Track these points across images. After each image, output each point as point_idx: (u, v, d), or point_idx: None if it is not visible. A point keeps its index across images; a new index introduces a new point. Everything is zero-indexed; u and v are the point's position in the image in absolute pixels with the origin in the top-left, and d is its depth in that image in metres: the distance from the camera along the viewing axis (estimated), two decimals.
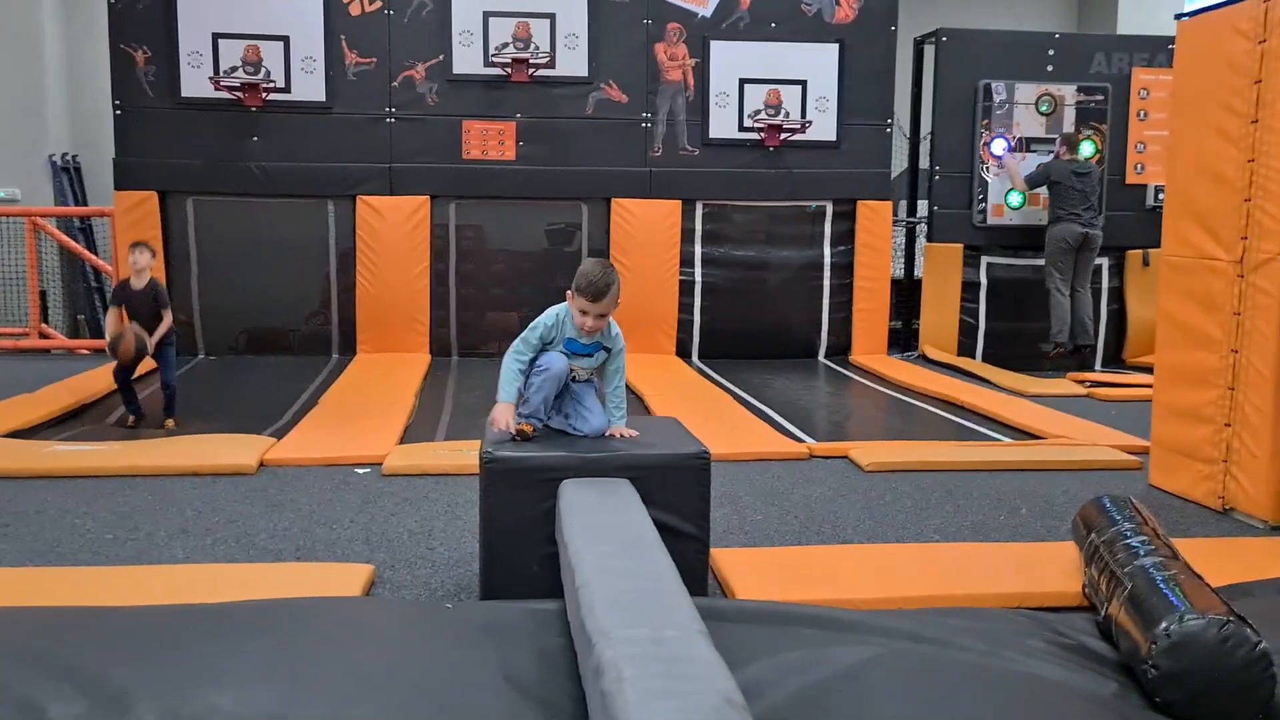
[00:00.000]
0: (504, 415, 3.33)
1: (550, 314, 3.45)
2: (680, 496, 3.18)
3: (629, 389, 7.49)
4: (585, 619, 2.06)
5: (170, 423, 6.06)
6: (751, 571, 3.53)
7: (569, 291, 3.38)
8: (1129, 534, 3.13)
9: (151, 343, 5.88)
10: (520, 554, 3.13)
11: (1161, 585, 2.62)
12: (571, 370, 3.44)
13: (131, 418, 6.10)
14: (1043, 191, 9.10)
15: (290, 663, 2.08)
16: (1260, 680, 2.25)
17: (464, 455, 5.04)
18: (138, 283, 5.97)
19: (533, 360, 3.42)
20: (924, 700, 2.05)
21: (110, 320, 6.19)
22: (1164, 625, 2.34)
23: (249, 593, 2.93)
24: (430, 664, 2.17)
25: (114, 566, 3.67)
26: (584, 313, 3.35)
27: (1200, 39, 4.74)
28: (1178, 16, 4.93)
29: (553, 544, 3.04)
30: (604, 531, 2.62)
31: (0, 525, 4.19)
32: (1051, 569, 3.58)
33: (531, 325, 3.44)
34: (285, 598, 2.69)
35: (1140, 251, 9.52)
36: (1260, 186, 4.35)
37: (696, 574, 3.17)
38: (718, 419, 6.31)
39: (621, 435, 3.44)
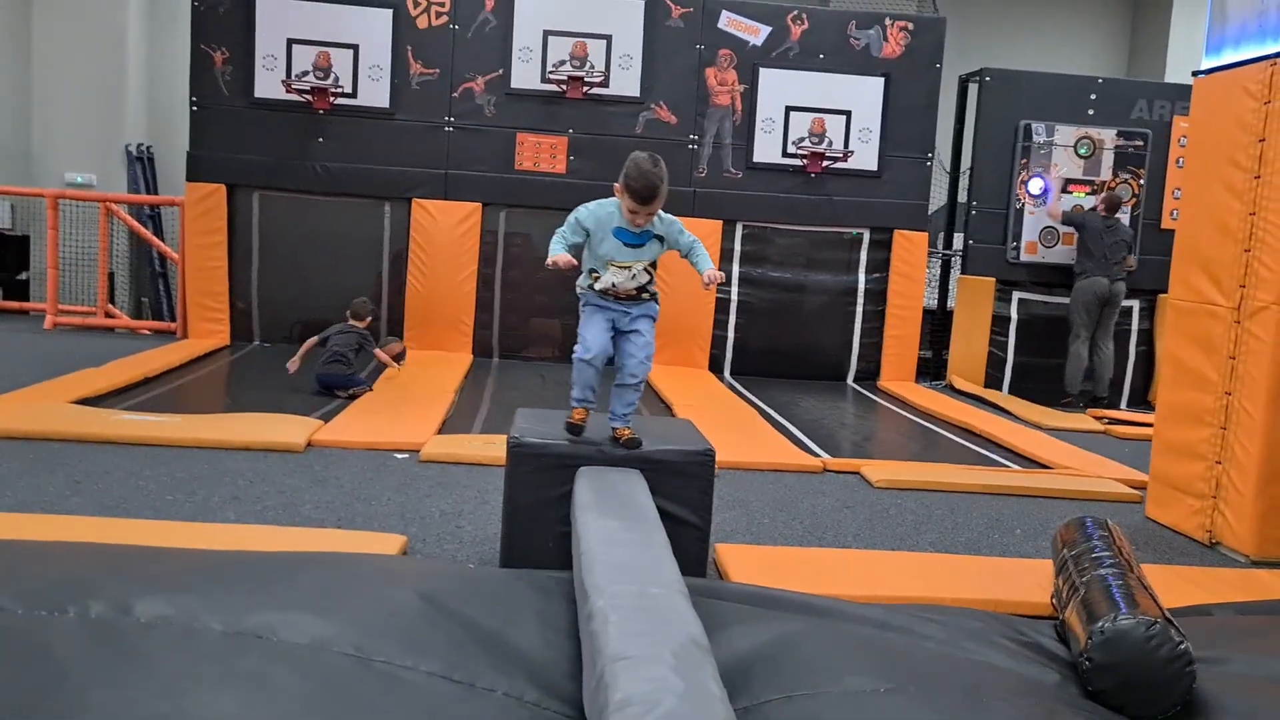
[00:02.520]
0: (560, 259, 3.47)
1: (598, 204, 3.51)
2: (686, 489, 3.50)
3: (657, 395, 7.87)
4: (585, 577, 2.39)
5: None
6: (749, 564, 3.84)
7: (617, 185, 3.41)
8: (1097, 549, 3.40)
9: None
10: (538, 531, 3.46)
11: (1112, 592, 2.90)
12: (618, 291, 3.52)
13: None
14: (1070, 231, 9.41)
15: (333, 597, 2.43)
16: (1180, 675, 2.52)
17: (496, 448, 5.37)
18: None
19: (573, 243, 3.52)
20: (870, 662, 2.36)
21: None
22: (1100, 623, 2.63)
23: (295, 549, 3.29)
24: (449, 610, 2.51)
25: (175, 522, 4.06)
26: (633, 211, 3.41)
27: (1213, 96, 5.00)
28: (1195, 74, 5.19)
29: (567, 525, 3.36)
30: (611, 510, 2.95)
31: (73, 483, 4.61)
32: (1028, 581, 3.85)
33: (579, 208, 3.53)
34: (329, 550, 3.04)
35: None
36: (1259, 239, 4.60)
37: (696, 560, 3.49)
38: (739, 430, 6.63)
39: (712, 277, 3.52)
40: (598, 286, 3.58)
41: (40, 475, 4.67)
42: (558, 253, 3.50)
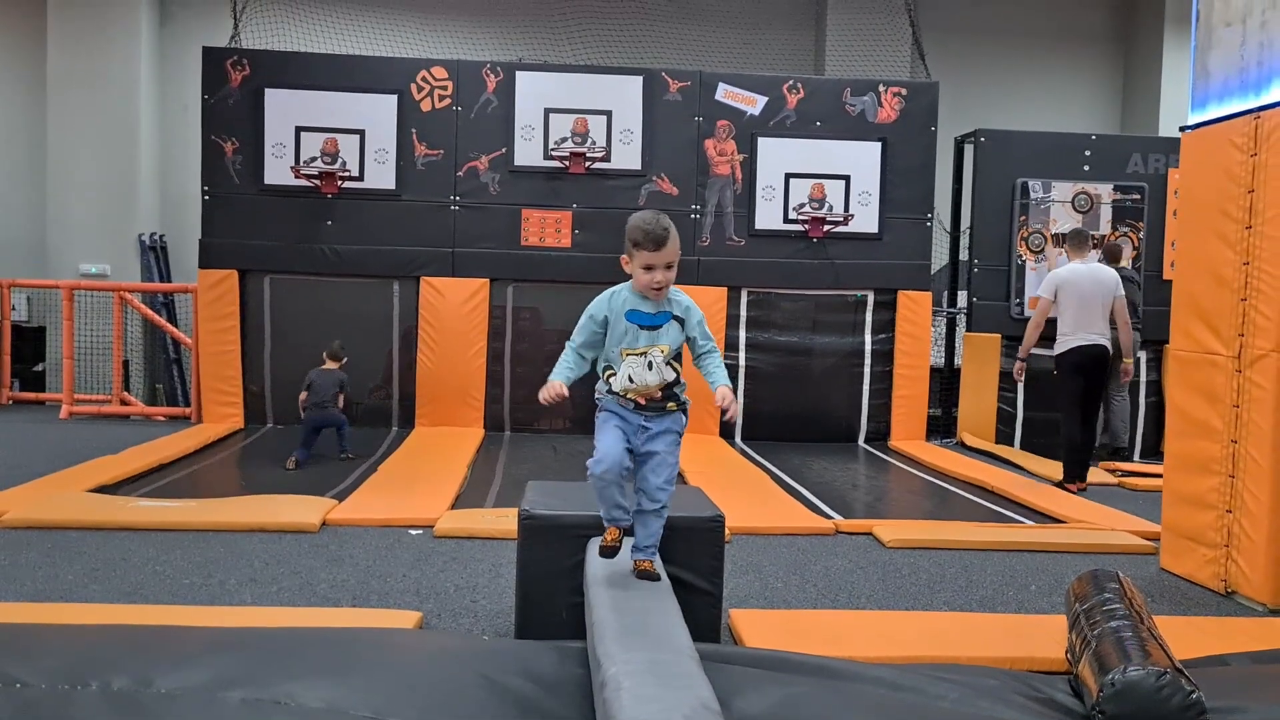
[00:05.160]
0: (549, 390, 3.11)
1: (608, 291, 3.18)
2: (696, 555, 3.53)
3: None
4: (597, 645, 2.43)
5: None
6: (764, 629, 3.85)
7: (624, 257, 3.13)
8: (1109, 602, 3.41)
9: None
10: (551, 601, 3.49)
11: (1123, 644, 2.91)
12: (638, 391, 3.09)
13: (294, 460, 7.41)
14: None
15: (349, 666, 2.47)
16: None
17: (510, 521, 5.41)
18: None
19: (587, 347, 3.18)
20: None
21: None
22: (1111, 674, 2.64)
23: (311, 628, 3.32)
24: (464, 679, 2.54)
25: (192, 606, 4.09)
26: (648, 268, 3.05)
27: (1201, 150, 5.09)
28: (1182, 129, 5.30)
29: (580, 595, 3.39)
30: (622, 578, 2.99)
31: (91, 570, 4.65)
32: (1043, 637, 3.85)
33: (586, 309, 3.21)
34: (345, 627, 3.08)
35: None
36: (1254, 288, 4.66)
37: (708, 625, 3.50)
38: (752, 495, 6.65)
39: (727, 401, 3.12)
40: (615, 386, 3.13)
41: (59, 564, 4.72)
42: (554, 378, 3.15)
